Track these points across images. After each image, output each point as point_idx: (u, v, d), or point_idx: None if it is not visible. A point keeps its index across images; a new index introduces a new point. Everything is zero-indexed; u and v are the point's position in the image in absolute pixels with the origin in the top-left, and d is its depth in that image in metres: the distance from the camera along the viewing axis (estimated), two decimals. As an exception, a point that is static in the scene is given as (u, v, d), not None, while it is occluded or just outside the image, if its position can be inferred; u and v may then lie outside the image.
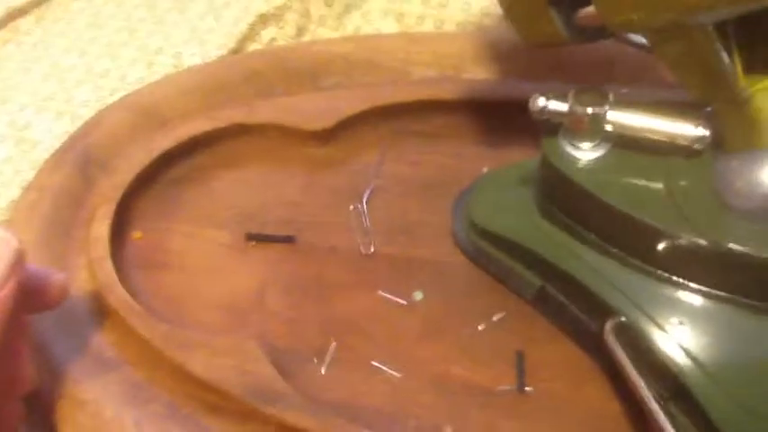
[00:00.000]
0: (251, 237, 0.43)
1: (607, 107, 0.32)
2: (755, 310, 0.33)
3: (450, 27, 0.54)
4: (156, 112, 0.48)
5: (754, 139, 0.30)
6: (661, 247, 0.32)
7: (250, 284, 0.41)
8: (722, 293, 0.33)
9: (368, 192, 0.44)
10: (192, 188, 0.46)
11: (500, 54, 0.50)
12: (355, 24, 0.55)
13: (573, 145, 0.34)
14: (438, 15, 0.55)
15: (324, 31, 0.55)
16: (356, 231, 0.42)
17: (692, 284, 0.33)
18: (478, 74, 0.49)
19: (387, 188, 0.45)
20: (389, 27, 0.55)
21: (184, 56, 0.55)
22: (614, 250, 0.34)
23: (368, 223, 0.42)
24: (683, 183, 0.32)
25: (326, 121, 0.46)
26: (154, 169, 0.45)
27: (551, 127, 0.35)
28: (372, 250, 0.42)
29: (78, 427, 0.36)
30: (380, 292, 0.40)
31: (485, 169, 0.44)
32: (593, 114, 0.32)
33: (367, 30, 0.55)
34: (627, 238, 0.34)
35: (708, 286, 0.33)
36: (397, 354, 0.38)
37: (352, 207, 0.43)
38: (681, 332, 0.33)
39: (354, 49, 0.50)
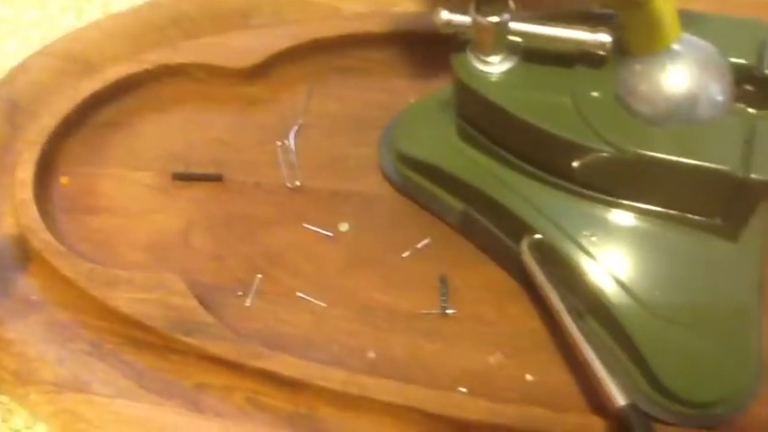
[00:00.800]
0: (177, 176, 0.42)
1: (508, 16, 0.31)
2: (667, 219, 0.33)
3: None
4: (82, 57, 0.47)
5: (655, 41, 0.30)
6: (571, 159, 0.32)
7: (176, 224, 0.41)
8: (634, 203, 0.33)
9: (295, 128, 0.43)
10: (119, 132, 0.45)
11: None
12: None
13: (481, 60, 0.33)
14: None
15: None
16: (283, 167, 0.42)
17: (604, 197, 0.33)
18: (409, 7, 0.48)
19: (315, 124, 0.44)
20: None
21: (113, 2, 0.54)
22: (528, 167, 0.34)
23: (294, 158, 0.42)
24: (589, 92, 0.32)
25: (253, 59, 0.45)
26: (80, 114, 0.45)
27: (462, 45, 0.34)
28: (298, 184, 0.41)
29: (2, 367, 0.36)
30: (306, 225, 0.40)
31: (411, 100, 0.44)
32: (495, 24, 0.31)
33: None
34: (538, 152, 0.34)
35: (620, 197, 0.33)
36: (322, 284, 0.38)
37: (279, 143, 0.43)
38: (595, 246, 0.33)
39: None
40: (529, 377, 0.34)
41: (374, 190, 0.41)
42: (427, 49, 0.46)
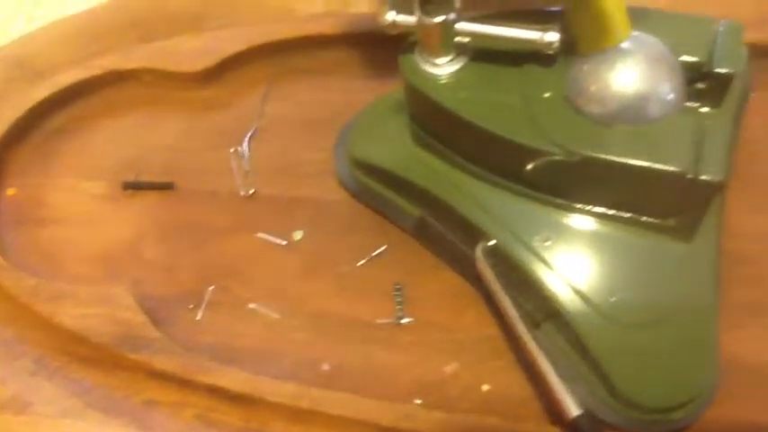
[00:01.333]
0: (127, 186, 0.41)
1: (454, 15, 0.31)
2: (622, 221, 0.32)
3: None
4: (30, 63, 0.46)
5: (603, 39, 0.29)
6: (522, 162, 0.31)
7: (126, 235, 0.40)
8: (587, 206, 0.32)
9: (250, 133, 0.42)
10: (69, 140, 0.44)
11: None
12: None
13: (429, 61, 0.32)
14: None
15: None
16: (236, 174, 0.41)
17: (558, 200, 0.32)
18: (364, 8, 0.47)
19: (270, 128, 0.43)
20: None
21: (66, 7, 0.52)
22: (481, 170, 0.33)
23: (248, 165, 0.41)
24: (538, 93, 0.31)
25: (206, 62, 0.44)
26: (28, 122, 0.43)
27: (410, 46, 0.34)
28: (252, 192, 0.40)
29: (-56, 389, 0.35)
30: (260, 234, 0.39)
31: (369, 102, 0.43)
32: (440, 24, 0.30)
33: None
34: (489, 156, 0.33)
35: (573, 200, 0.32)
36: (275, 295, 0.37)
37: (232, 150, 0.42)
38: (549, 250, 0.32)
39: None
40: (485, 387, 0.33)
41: (329, 196, 0.40)
42: (385, 49, 0.44)
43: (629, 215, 0.31)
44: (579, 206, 0.32)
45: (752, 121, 0.39)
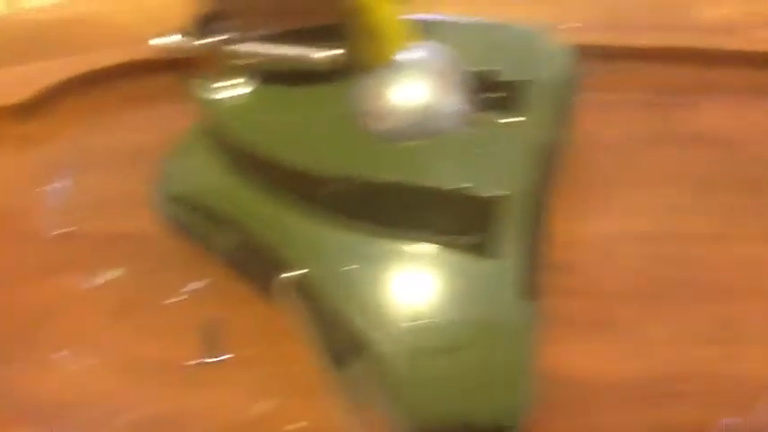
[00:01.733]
0: (-67, 232, 0.38)
1: (225, 36, 0.29)
2: (425, 243, 0.31)
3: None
4: None
5: (379, 53, 0.28)
6: (314, 188, 0.30)
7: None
8: (388, 229, 0.31)
9: (67, 168, 0.40)
10: None
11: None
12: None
13: (216, 85, 0.31)
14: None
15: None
16: (51, 212, 0.38)
17: (355, 223, 0.31)
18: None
19: (90, 162, 0.41)
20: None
21: None
22: (285, 198, 0.32)
23: (63, 202, 0.39)
24: (322, 113, 0.29)
25: (24, 94, 0.42)
26: None
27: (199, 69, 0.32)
28: (68, 230, 0.38)
29: None
30: (66, 277, 0.36)
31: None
32: (210, 45, 0.28)
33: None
34: (285, 182, 0.31)
35: (370, 223, 0.31)
36: (85, 340, 0.34)
37: (48, 187, 0.39)
38: (348, 278, 0.30)
39: (46, 16, 0.46)
40: (300, 423, 0.31)
41: (146, 231, 0.37)
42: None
43: (432, 236, 0.30)
44: (381, 229, 0.30)
45: (584, 125, 0.38)
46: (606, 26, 0.47)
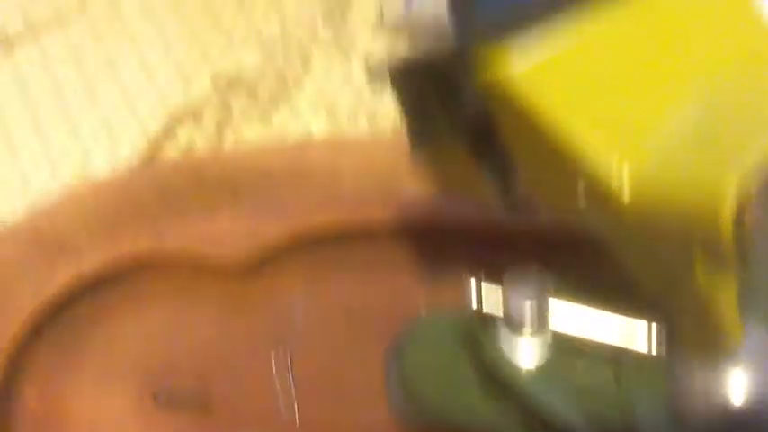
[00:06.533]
0: (158, 397, 0.38)
1: (549, 296, 0.28)
2: None
3: (384, 123, 0.49)
4: (49, 241, 0.42)
5: (719, 344, 0.26)
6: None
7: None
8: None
9: (291, 339, 0.39)
10: (92, 335, 0.40)
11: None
12: (282, 120, 0.50)
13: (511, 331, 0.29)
14: (371, 108, 0.50)
15: (248, 129, 0.50)
16: (277, 391, 0.38)
17: None
18: (416, 187, 0.44)
19: (312, 333, 0.40)
20: (319, 123, 0.50)
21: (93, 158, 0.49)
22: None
23: (292, 381, 0.38)
24: (633, 384, 0.28)
25: (246, 252, 0.41)
26: (45, 314, 0.40)
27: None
28: (296, 416, 0.37)
29: None
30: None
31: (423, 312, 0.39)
32: (533, 305, 0.27)
33: (295, 127, 0.50)
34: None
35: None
36: None
37: (273, 360, 0.38)
38: None
39: (278, 160, 0.45)
40: None
41: (381, 425, 0.37)
42: (438, 243, 0.42)
43: None
44: None
45: None
46: None
